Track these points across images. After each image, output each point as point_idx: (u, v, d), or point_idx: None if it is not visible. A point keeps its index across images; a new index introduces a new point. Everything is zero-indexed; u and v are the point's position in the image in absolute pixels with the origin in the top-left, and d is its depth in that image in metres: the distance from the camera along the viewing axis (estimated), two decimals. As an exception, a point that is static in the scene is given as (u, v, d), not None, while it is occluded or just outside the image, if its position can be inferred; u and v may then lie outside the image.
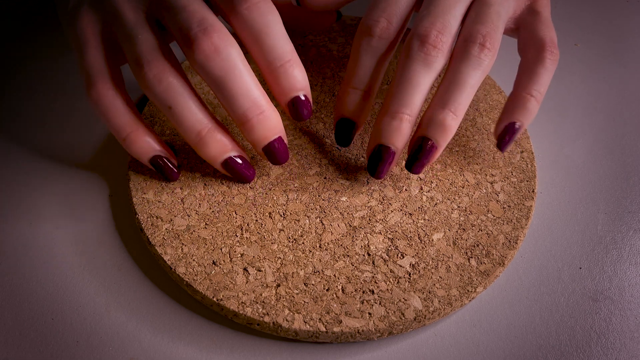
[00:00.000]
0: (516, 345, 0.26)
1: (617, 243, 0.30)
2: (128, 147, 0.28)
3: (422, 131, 0.28)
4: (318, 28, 0.37)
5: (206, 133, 0.27)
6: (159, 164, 0.29)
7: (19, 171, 0.32)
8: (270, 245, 0.28)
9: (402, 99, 0.27)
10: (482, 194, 0.30)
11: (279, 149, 0.28)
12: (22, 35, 0.40)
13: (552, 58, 0.28)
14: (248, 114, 0.26)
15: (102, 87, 0.27)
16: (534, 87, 0.28)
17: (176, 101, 0.26)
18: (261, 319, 0.25)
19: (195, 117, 0.27)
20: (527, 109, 0.28)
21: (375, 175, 0.29)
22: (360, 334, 0.25)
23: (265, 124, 0.27)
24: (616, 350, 0.26)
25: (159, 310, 0.27)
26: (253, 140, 0.27)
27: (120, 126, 0.28)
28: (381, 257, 0.27)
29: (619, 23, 0.43)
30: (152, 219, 0.28)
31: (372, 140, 0.28)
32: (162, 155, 0.29)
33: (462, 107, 0.27)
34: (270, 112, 0.27)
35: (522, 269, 0.29)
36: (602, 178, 0.33)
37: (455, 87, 0.27)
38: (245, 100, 0.26)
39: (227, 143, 0.28)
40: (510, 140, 0.29)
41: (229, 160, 0.28)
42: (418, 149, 0.28)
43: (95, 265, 0.28)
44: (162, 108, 0.27)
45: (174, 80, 0.26)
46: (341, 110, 0.29)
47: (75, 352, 0.25)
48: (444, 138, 0.27)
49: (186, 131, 0.27)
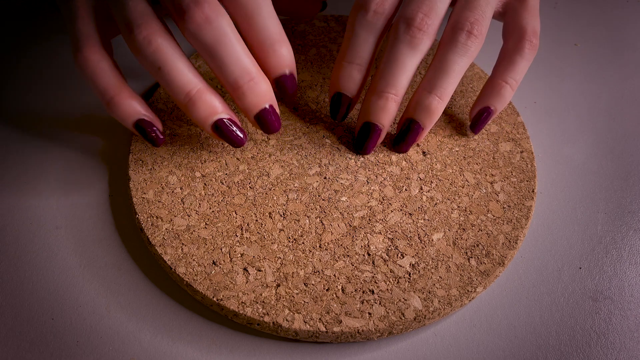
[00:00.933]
0: (516, 345, 0.26)
1: (617, 243, 0.30)
2: (113, 110, 0.28)
3: (409, 113, 0.30)
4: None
5: (195, 93, 0.27)
6: (144, 129, 0.29)
7: (19, 171, 0.32)
8: (270, 245, 0.28)
9: (388, 79, 0.29)
10: (482, 194, 0.30)
11: (271, 117, 0.28)
12: (21, 34, 0.40)
13: (530, 48, 0.29)
14: (239, 80, 0.27)
15: (89, 51, 0.27)
16: (510, 74, 0.30)
17: (165, 62, 0.26)
18: (261, 319, 0.25)
19: (184, 77, 0.27)
20: (502, 95, 0.30)
21: (362, 151, 0.31)
22: (360, 334, 0.25)
23: (256, 90, 0.27)
24: (616, 350, 0.26)
25: (159, 310, 0.27)
26: (245, 107, 0.28)
27: (105, 88, 0.28)
28: (381, 257, 0.27)
29: (619, 23, 0.43)
30: (152, 219, 0.28)
31: (360, 118, 0.30)
32: (146, 120, 0.29)
33: (448, 92, 0.29)
34: (260, 79, 0.27)
35: (522, 269, 0.29)
36: (602, 178, 0.33)
37: (442, 73, 0.28)
38: (236, 67, 0.27)
39: (217, 104, 0.28)
40: (484, 123, 0.31)
41: (219, 122, 0.28)
42: (405, 130, 0.30)
43: (95, 265, 0.28)
44: (151, 70, 0.27)
45: (164, 41, 0.26)
46: (336, 85, 0.30)
47: (75, 352, 0.25)
48: (430, 120, 0.29)
49: (175, 91, 0.27)
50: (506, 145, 0.32)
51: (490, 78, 0.30)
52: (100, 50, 0.28)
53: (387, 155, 0.31)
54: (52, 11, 0.42)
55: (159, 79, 0.27)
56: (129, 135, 0.34)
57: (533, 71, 0.39)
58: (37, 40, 0.40)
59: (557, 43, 0.41)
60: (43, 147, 0.33)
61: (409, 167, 0.31)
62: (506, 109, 0.34)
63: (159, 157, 0.31)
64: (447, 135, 0.33)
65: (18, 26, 0.41)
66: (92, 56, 0.27)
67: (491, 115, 0.31)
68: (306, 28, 0.39)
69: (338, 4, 0.44)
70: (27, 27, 0.41)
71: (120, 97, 0.28)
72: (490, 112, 0.31)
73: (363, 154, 0.31)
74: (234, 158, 0.31)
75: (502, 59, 0.30)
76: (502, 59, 0.30)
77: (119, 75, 0.28)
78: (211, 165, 0.31)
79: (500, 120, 0.34)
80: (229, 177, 0.30)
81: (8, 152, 0.33)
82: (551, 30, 0.42)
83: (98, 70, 0.27)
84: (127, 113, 0.28)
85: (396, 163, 0.31)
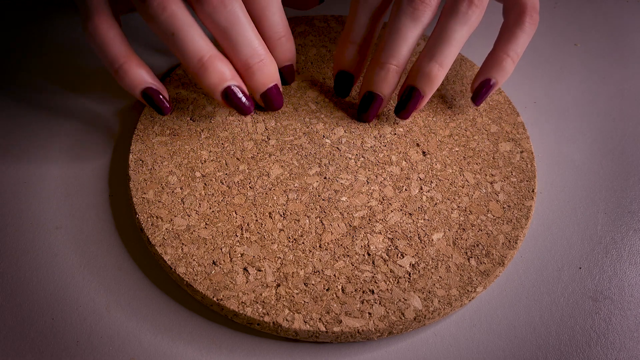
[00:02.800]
0: (516, 345, 0.26)
1: (617, 243, 0.30)
2: (121, 78, 0.29)
3: (410, 81, 0.31)
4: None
5: (207, 59, 0.28)
6: (151, 96, 0.29)
7: (19, 171, 0.32)
8: (270, 245, 0.28)
9: (390, 50, 0.29)
10: (482, 194, 0.30)
11: (276, 95, 0.31)
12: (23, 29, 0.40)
13: (531, 22, 0.30)
14: (250, 60, 0.29)
15: (99, 20, 0.28)
16: (512, 47, 0.30)
17: (179, 28, 0.27)
18: (261, 318, 0.25)
19: (197, 43, 0.28)
20: (503, 67, 0.31)
21: (363, 118, 0.33)
22: (360, 334, 0.25)
23: (265, 70, 0.29)
24: (616, 350, 0.26)
25: (159, 310, 0.27)
26: (254, 85, 0.30)
27: (115, 56, 0.28)
28: (381, 257, 0.27)
29: (619, 23, 0.43)
30: (152, 219, 0.28)
31: (363, 87, 0.32)
32: (153, 88, 0.29)
33: (449, 60, 0.29)
34: (269, 61, 0.29)
35: (522, 269, 0.29)
36: (602, 178, 0.33)
37: (443, 41, 0.29)
38: (248, 49, 0.29)
39: (227, 71, 0.29)
40: (485, 95, 0.32)
41: (228, 90, 0.29)
42: (407, 97, 0.31)
43: (95, 265, 0.28)
44: (164, 37, 0.28)
45: (177, 8, 0.27)
46: (339, 64, 0.32)
47: (75, 352, 0.25)
48: (430, 88, 0.30)
49: (188, 57, 0.28)
50: (506, 145, 0.32)
51: (491, 51, 0.31)
52: (110, 19, 0.29)
53: (387, 155, 0.31)
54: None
55: (171, 45, 0.28)
56: (130, 135, 0.34)
57: (533, 71, 0.39)
58: (37, 35, 0.40)
59: (557, 43, 0.41)
60: (43, 147, 0.33)
61: (409, 167, 0.31)
62: (506, 109, 0.34)
63: (159, 157, 0.31)
64: (447, 135, 0.33)
65: (18, 22, 0.41)
66: (102, 24, 0.28)
67: (492, 87, 0.32)
68: (306, 28, 0.39)
69: (338, 4, 0.44)
70: (28, 23, 0.41)
71: (128, 65, 0.29)
72: (492, 85, 0.32)
73: (365, 121, 0.33)
74: (234, 158, 0.31)
75: (503, 33, 0.31)
76: (503, 33, 0.31)
77: (127, 44, 0.29)
78: (211, 165, 0.31)
79: (500, 120, 0.34)
80: (229, 177, 0.30)
81: (8, 152, 0.33)
82: (551, 30, 0.42)
83: (108, 39, 0.28)
84: (135, 81, 0.29)
85: (396, 163, 0.31)
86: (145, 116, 0.33)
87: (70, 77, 0.37)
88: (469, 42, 0.39)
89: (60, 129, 0.34)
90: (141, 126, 0.33)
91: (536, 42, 0.41)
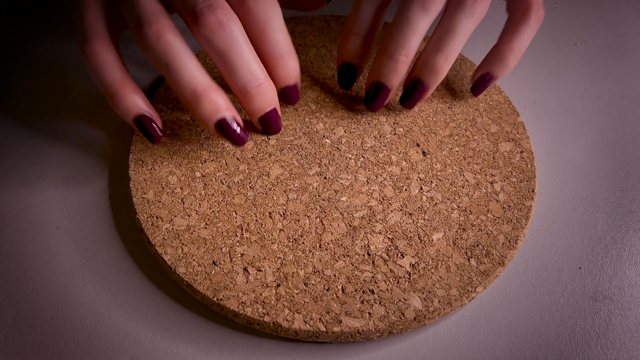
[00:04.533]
0: (516, 345, 0.26)
1: (617, 243, 0.30)
2: (115, 104, 0.28)
3: (416, 73, 0.31)
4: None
5: (202, 91, 0.27)
6: (143, 124, 0.29)
7: (19, 171, 0.32)
8: (270, 245, 0.28)
9: (399, 40, 0.29)
10: (482, 194, 0.30)
11: (274, 119, 0.30)
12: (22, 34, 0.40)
13: (536, 17, 0.30)
14: (248, 85, 0.28)
15: (97, 44, 0.28)
16: (515, 42, 0.31)
17: (174, 58, 0.27)
18: (261, 318, 0.25)
19: (192, 74, 0.27)
20: (505, 62, 0.31)
21: (371, 108, 0.33)
22: (360, 334, 0.25)
23: (263, 95, 0.29)
24: (616, 350, 0.26)
25: (159, 310, 0.27)
26: (251, 110, 0.29)
27: (110, 82, 0.28)
28: (381, 257, 0.27)
29: (619, 23, 0.43)
30: (152, 219, 0.28)
31: (371, 77, 0.31)
32: (147, 116, 0.29)
33: (454, 53, 0.29)
34: (267, 85, 0.29)
35: (522, 269, 0.29)
36: (602, 178, 0.33)
37: (449, 34, 0.29)
38: (246, 73, 0.28)
39: (221, 102, 0.28)
40: (484, 88, 0.33)
41: (222, 122, 0.28)
42: (411, 89, 0.31)
43: (95, 265, 0.28)
44: (159, 66, 0.27)
45: (173, 37, 0.27)
46: (343, 56, 0.32)
47: (75, 352, 0.25)
48: (435, 80, 0.30)
49: (182, 88, 0.27)
50: (506, 145, 0.32)
51: (495, 45, 0.31)
52: (107, 43, 0.28)
53: (387, 155, 0.31)
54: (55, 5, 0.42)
55: (166, 75, 0.27)
56: (130, 135, 0.34)
57: (533, 71, 0.39)
58: (36, 39, 0.40)
59: (557, 43, 0.41)
60: (43, 147, 0.33)
61: (409, 167, 0.31)
62: (506, 109, 0.34)
63: (159, 157, 0.31)
64: (447, 135, 0.33)
65: (18, 21, 0.41)
66: (99, 48, 0.28)
67: (492, 80, 0.32)
68: (306, 28, 0.39)
69: (338, 4, 0.44)
70: (28, 22, 0.41)
71: (123, 92, 0.28)
72: (492, 78, 0.32)
73: (372, 111, 0.33)
74: (234, 158, 0.31)
75: (508, 28, 0.31)
76: (507, 27, 0.31)
77: (124, 69, 0.28)
78: (211, 165, 0.31)
79: (500, 120, 0.34)
80: (229, 177, 0.30)
81: (8, 152, 0.33)
82: (551, 30, 0.42)
83: (105, 63, 0.28)
84: (128, 108, 0.28)
85: (396, 163, 0.31)
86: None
87: (70, 78, 0.37)
88: (469, 42, 0.39)
89: (60, 129, 0.34)
90: (141, 126, 0.33)
91: (536, 42, 0.41)
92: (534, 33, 0.31)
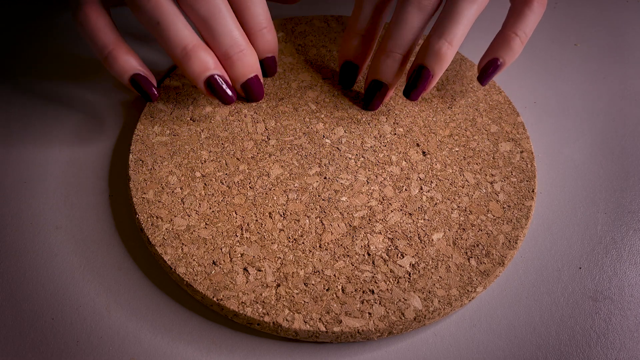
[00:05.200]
0: (516, 345, 0.26)
1: (617, 243, 0.30)
2: (110, 64, 0.29)
3: (419, 59, 0.30)
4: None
5: (191, 48, 0.28)
6: (139, 82, 0.30)
7: (19, 171, 0.32)
8: (270, 245, 0.28)
9: (396, 39, 0.30)
10: (482, 194, 0.30)
11: (256, 86, 0.31)
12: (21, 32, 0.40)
13: (539, 2, 0.30)
14: (230, 51, 0.29)
15: (89, 8, 0.29)
16: (520, 27, 0.30)
17: (164, 17, 0.28)
18: (261, 318, 0.25)
19: (181, 32, 0.28)
20: (511, 47, 0.30)
21: (369, 107, 0.33)
22: (360, 334, 0.25)
23: (245, 61, 0.30)
24: (616, 350, 0.26)
25: (159, 310, 0.27)
26: (234, 75, 0.30)
27: (104, 44, 0.29)
28: (381, 257, 0.27)
29: (619, 23, 0.43)
30: (152, 219, 0.28)
31: (369, 75, 0.32)
32: (141, 74, 0.30)
33: (458, 38, 0.29)
34: (249, 51, 0.30)
35: (522, 269, 0.29)
36: (602, 178, 0.33)
37: (452, 20, 0.29)
38: (228, 39, 0.29)
39: (210, 61, 0.29)
40: (492, 75, 0.31)
41: (211, 79, 0.29)
42: (416, 77, 0.30)
43: (95, 265, 0.28)
44: (149, 25, 0.28)
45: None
46: (345, 54, 0.33)
47: (75, 352, 0.25)
48: (440, 66, 0.29)
49: (172, 46, 0.28)
50: (506, 145, 0.32)
51: (500, 31, 0.31)
52: (99, 7, 0.29)
53: (387, 155, 0.31)
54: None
55: (156, 34, 0.28)
56: (130, 135, 0.34)
57: (533, 71, 0.39)
58: (36, 39, 0.40)
59: (557, 43, 0.41)
60: (43, 147, 0.33)
61: (409, 167, 0.31)
62: (506, 109, 0.34)
63: (159, 157, 0.31)
64: (447, 135, 0.33)
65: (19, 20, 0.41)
66: (92, 13, 0.29)
67: (500, 67, 0.31)
68: (306, 28, 0.39)
69: (338, 4, 0.44)
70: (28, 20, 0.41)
71: (117, 52, 0.29)
72: (499, 64, 0.31)
73: (370, 110, 0.33)
74: (234, 158, 0.31)
75: (512, 13, 0.31)
76: (511, 13, 0.31)
77: (116, 32, 0.29)
78: (211, 165, 0.31)
79: (500, 120, 0.34)
80: (229, 177, 0.30)
81: (8, 151, 0.33)
82: (551, 30, 0.42)
83: (97, 27, 0.29)
84: (123, 68, 0.29)
85: (396, 163, 0.31)
86: (145, 116, 0.33)
87: (69, 79, 0.37)
88: (469, 41, 0.39)
89: (60, 129, 0.34)
90: (141, 126, 0.33)
91: (536, 42, 0.41)
92: (538, 18, 0.30)
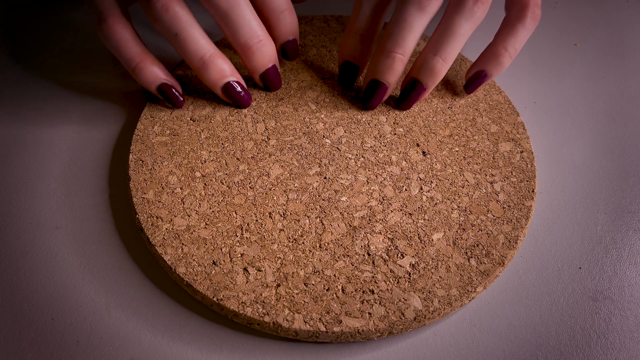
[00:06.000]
0: (516, 345, 0.26)
1: (617, 243, 0.30)
2: (137, 75, 0.31)
3: (414, 73, 0.31)
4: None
5: (208, 58, 0.30)
6: (166, 92, 0.32)
7: (19, 171, 0.32)
8: (270, 245, 0.28)
9: (396, 39, 0.30)
10: (482, 194, 0.30)
11: (274, 75, 0.33)
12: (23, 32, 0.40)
13: (532, 18, 0.30)
14: (249, 42, 0.30)
15: (113, 21, 0.30)
16: (510, 42, 0.31)
17: (182, 28, 0.29)
18: (261, 318, 0.25)
19: (199, 43, 0.30)
20: (500, 62, 0.31)
21: (367, 106, 0.33)
22: (360, 334, 0.25)
23: (263, 51, 0.31)
24: (616, 350, 0.26)
25: (159, 310, 0.27)
26: (253, 66, 0.32)
27: (131, 56, 0.30)
28: (381, 257, 0.27)
29: (619, 23, 0.43)
30: (152, 219, 0.28)
31: (368, 75, 0.32)
32: (168, 84, 0.32)
33: (452, 55, 0.30)
34: (267, 42, 0.31)
35: (522, 269, 0.29)
36: (602, 178, 0.33)
37: (447, 36, 0.30)
38: (247, 30, 0.30)
39: (226, 68, 0.31)
40: (477, 85, 0.33)
41: (227, 85, 0.31)
42: (409, 89, 0.32)
43: (95, 265, 0.28)
44: (168, 36, 0.29)
45: (180, 9, 0.29)
46: (344, 54, 0.33)
47: (75, 352, 0.25)
48: (433, 81, 0.31)
49: (191, 56, 0.30)
50: (506, 145, 0.32)
51: (490, 43, 0.32)
52: (122, 19, 0.30)
53: (387, 155, 0.31)
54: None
55: (175, 44, 0.30)
56: (130, 135, 0.34)
57: (533, 71, 0.39)
58: (35, 39, 0.40)
59: (557, 43, 0.41)
60: (43, 147, 0.33)
61: (409, 167, 0.31)
62: (506, 109, 0.34)
63: (159, 157, 0.31)
64: (447, 135, 0.33)
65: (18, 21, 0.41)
66: (115, 26, 0.30)
67: (485, 79, 0.32)
68: (306, 28, 0.39)
69: (338, 4, 0.44)
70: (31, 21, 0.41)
71: (144, 64, 0.31)
72: (485, 76, 0.32)
73: (369, 109, 0.33)
74: (234, 158, 0.31)
75: (504, 27, 0.31)
76: (504, 26, 0.31)
77: (141, 43, 0.31)
78: (211, 165, 0.31)
79: (500, 120, 0.34)
80: (229, 177, 0.30)
81: (8, 151, 0.33)
82: (551, 31, 0.42)
83: (123, 40, 0.30)
84: (151, 78, 0.31)
85: (396, 163, 0.31)
86: (145, 116, 0.33)
87: (69, 79, 0.37)
88: (469, 42, 0.39)
89: (60, 129, 0.34)
90: (141, 126, 0.33)
91: (536, 42, 0.41)
92: (529, 33, 0.31)
